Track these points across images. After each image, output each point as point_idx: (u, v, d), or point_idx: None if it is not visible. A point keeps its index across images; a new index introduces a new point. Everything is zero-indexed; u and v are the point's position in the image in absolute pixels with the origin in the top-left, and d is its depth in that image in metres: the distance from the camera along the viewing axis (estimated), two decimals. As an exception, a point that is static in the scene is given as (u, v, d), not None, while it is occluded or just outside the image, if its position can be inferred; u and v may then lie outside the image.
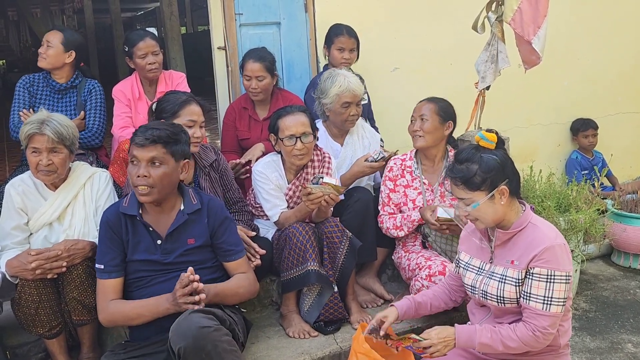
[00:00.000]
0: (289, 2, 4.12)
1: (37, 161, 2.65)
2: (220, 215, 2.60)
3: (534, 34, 3.14)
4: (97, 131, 3.58)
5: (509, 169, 2.21)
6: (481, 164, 2.18)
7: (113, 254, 2.48)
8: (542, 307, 2.14)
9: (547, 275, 2.13)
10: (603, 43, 5.02)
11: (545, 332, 2.14)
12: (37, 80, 3.62)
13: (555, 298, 2.13)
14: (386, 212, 3.25)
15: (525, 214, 2.25)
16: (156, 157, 2.39)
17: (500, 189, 2.17)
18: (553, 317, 2.14)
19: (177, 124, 2.61)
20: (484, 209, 2.20)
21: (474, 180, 2.18)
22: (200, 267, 2.47)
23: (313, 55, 4.23)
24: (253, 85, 3.58)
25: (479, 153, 2.21)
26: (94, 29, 16.21)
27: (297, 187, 3.15)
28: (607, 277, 4.01)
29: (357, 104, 3.35)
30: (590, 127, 4.96)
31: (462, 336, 2.22)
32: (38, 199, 2.77)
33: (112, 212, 2.54)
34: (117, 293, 2.47)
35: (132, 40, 3.62)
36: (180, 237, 2.53)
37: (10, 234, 2.72)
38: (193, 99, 2.95)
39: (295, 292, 3.05)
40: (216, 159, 3.08)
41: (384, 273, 3.59)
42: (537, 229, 2.20)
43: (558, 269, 2.13)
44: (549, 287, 2.13)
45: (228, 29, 4.03)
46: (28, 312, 2.55)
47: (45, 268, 2.50)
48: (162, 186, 2.43)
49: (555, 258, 2.13)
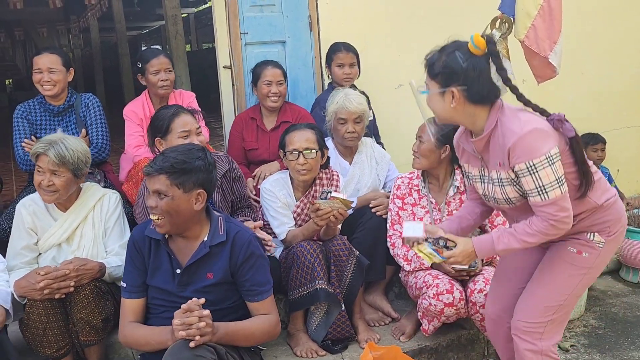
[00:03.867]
0: (294, 21, 4.16)
1: (40, 180, 2.68)
2: (245, 251, 2.40)
3: (550, 49, 3.17)
4: (103, 144, 3.56)
5: (474, 77, 2.10)
6: (447, 57, 2.13)
7: (135, 274, 2.43)
8: (541, 198, 2.09)
9: (527, 168, 2.08)
10: (608, 58, 5.03)
11: (557, 218, 2.10)
12: (33, 107, 3.53)
13: (547, 184, 2.07)
14: (396, 230, 3.24)
15: (492, 115, 2.17)
16: (159, 189, 2.28)
17: (449, 90, 2.12)
18: (556, 202, 2.08)
19: (197, 150, 2.40)
20: (432, 102, 2.19)
21: (433, 68, 2.16)
22: (216, 308, 2.31)
23: (318, 73, 4.26)
24: (274, 89, 3.63)
25: (455, 49, 2.14)
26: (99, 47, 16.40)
27: (305, 204, 3.15)
28: (615, 293, 3.98)
29: (355, 122, 3.35)
30: (599, 142, 4.95)
31: (482, 248, 2.24)
32: (48, 219, 2.79)
33: (138, 232, 2.47)
34: (135, 315, 2.42)
35: (146, 57, 3.65)
36: (199, 271, 2.39)
37: (20, 254, 2.74)
38: (181, 109, 2.92)
39: (302, 311, 3.03)
40: (229, 169, 3.05)
41: (391, 290, 3.58)
42: (503, 127, 2.13)
43: (534, 157, 2.05)
44: (535, 177, 2.07)
45: (234, 48, 4.06)
46: (36, 332, 2.54)
47: (53, 288, 2.50)
48: (171, 218, 2.30)
49: (526, 148, 2.06)
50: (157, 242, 2.42)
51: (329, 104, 3.42)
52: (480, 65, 2.13)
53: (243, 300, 2.46)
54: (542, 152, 2.06)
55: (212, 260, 2.39)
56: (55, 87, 3.43)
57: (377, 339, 3.07)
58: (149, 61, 3.60)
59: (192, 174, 2.30)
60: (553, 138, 2.10)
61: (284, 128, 3.58)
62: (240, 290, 2.44)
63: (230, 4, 4.00)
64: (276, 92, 3.65)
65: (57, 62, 3.42)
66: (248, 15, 4.06)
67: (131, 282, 2.43)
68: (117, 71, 14.70)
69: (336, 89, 3.56)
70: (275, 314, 2.48)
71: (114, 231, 2.87)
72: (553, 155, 2.07)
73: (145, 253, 2.42)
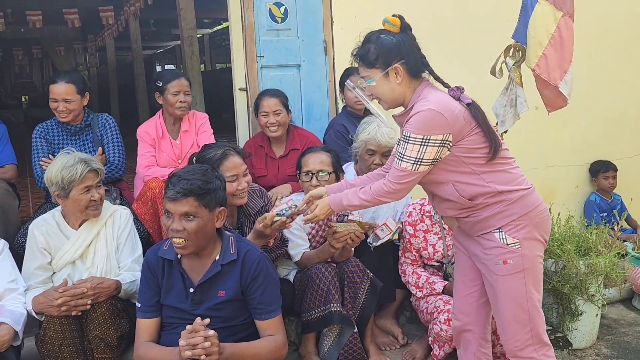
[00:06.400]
0: (309, 46, 4.23)
1: (89, 198, 2.75)
2: (254, 270, 2.45)
3: (560, 78, 3.21)
4: (119, 163, 3.65)
5: (406, 49, 2.27)
6: (377, 42, 2.27)
7: (149, 295, 2.47)
8: (396, 162, 2.25)
9: (405, 136, 2.22)
10: (620, 86, 5.05)
11: (391, 183, 2.26)
12: (51, 127, 3.63)
13: (406, 156, 2.21)
14: (408, 258, 3.26)
15: (418, 90, 2.30)
16: (189, 211, 2.32)
17: (394, 67, 2.25)
18: (400, 171, 2.24)
19: (211, 170, 2.47)
20: (380, 87, 2.30)
21: (368, 58, 2.27)
22: (228, 325, 2.41)
23: (332, 97, 4.32)
24: (271, 120, 3.65)
25: (379, 34, 2.29)
26: (115, 66, 16.65)
27: (320, 227, 3.18)
28: (628, 322, 3.95)
29: (382, 155, 3.35)
30: (610, 169, 4.95)
31: (335, 203, 2.42)
32: (61, 238, 2.84)
33: (152, 253, 2.53)
34: (150, 334, 2.46)
35: (167, 77, 3.72)
36: (212, 289, 2.45)
37: (34, 274, 2.79)
38: (231, 151, 2.87)
39: (314, 333, 3.05)
40: (264, 204, 3.07)
41: (402, 315, 3.58)
42: (423, 100, 2.25)
43: (414, 132, 2.18)
44: (403, 146, 2.22)
45: (249, 71, 4.14)
46: (52, 348, 2.58)
47: (70, 305, 2.54)
48: (197, 239, 2.36)
49: (417, 122, 2.19)
50: (170, 262, 2.48)
51: (359, 130, 3.41)
52: (406, 39, 2.30)
53: (251, 319, 2.50)
54: (424, 132, 2.18)
55: (223, 278, 2.45)
56: (70, 114, 3.54)
57: (388, 362, 3.08)
58: (169, 82, 3.67)
59: (214, 193, 2.38)
60: (446, 122, 2.19)
61: (292, 155, 3.66)
62: (249, 307, 2.49)
63: (247, 28, 4.09)
64: (274, 122, 3.66)
65: (72, 92, 3.50)
66: (264, 38, 4.14)
67: (146, 302, 2.48)
68: (131, 90, 14.89)
69: (369, 117, 3.53)
70: (282, 334, 2.51)
71: (126, 246, 2.92)
72: (432, 140, 2.18)
73: (159, 274, 2.48)
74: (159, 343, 2.47)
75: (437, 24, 4.38)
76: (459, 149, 2.24)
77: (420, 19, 4.38)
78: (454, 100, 2.26)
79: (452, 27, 4.48)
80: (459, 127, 2.21)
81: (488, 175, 2.27)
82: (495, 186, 2.26)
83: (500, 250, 2.29)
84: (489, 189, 2.26)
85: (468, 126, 2.23)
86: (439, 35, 4.47)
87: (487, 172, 2.27)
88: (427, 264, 3.31)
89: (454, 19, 4.47)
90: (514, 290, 2.31)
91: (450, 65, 4.38)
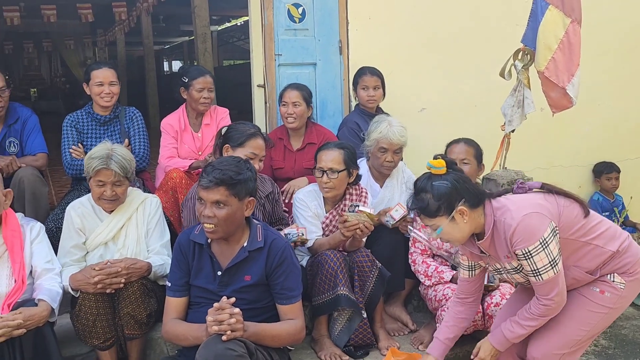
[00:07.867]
0: (325, 45, 4.40)
1: (102, 192, 2.89)
2: (279, 257, 2.60)
3: (568, 81, 3.37)
4: (144, 155, 3.81)
5: (462, 188, 2.31)
6: (433, 191, 2.30)
7: (179, 275, 2.64)
8: (536, 279, 2.29)
9: (523, 255, 2.27)
10: (623, 90, 5.18)
11: (549, 299, 2.30)
12: (81, 117, 3.79)
13: (540, 267, 2.26)
14: (417, 248, 3.41)
15: (487, 214, 2.35)
16: (220, 200, 2.46)
17: (458, 210, 2.29)
18: (548, 283, 2.28)
19: (244, 161, 2.63)
20: (449, 231, 2.34)
21: (430, 209, 2.31)
22: (251, 307, 2.55)
23: (346, 95, 4.48)
24: (289, 110, 3.77)
25: (431, 181, 2.33)
26: (125, 61, 16.76)
27: (334, 216, 3.35)
28: (626, 316, 4.10)
29: (394, 152, 3.50)
30: (613, 170, 5.09)
31: (499, 342, 2.46)
32: (95, 220, 3.00)
33: (184, 237, 2.69)
34: (178, 312, 2.62)
35: (193, 74, 3.87)
36: (238, 273, 2.60)
37: (70, 252, 2.95)
38: (260, 133, 3.12)
39: (326, 317, 3.20)
40: (272, 191, 3.26)
41: (409, 303, 3.74)
42: (500, 222, 2.31)
43: (528, 244, 2.24)
44: (531, 262, 2.27)
45: (268, 68, 4.30)
46: (86, 323, 2.73)
47: (105, 283, 2.70)
48: (227, 225, 2.51)
49: (521, 236, 2.25)
50: (200, 246, 2.64)
51: (371, 129, 3.54)
52: (457, 177, 2.34)
53: (273, 303, 2.66)
54: (537, 237, 2.24)
55: (250, 263, 2.61)
56: (113, 98, 3.72)
57: (397, 347, 3.23)
58: (195, 78, 3.83)
59: (244, 184, 2.53)
60: (544, 216, 2.28)
61: (309, 149, 3.80)
62: (272, 292, 2.64)
63: (266, 27, 4.26)
64: (292, 113, 3.78)
65: (115, 76, 3.72)
66: (283, 37, 4.31)
67: (176, 281, 2.65)
68: (140, 84, 15.00)
69: (381, 115, 3.69)
70: (301, 319, 2.66)
71: (156, 231, 3.07)
72: (547, 238, 2.25)
73: (190, 256, 2.64)
74: (185, 320, 2.64)
75: (453, 28, 4.53)
76: (562, 231, 2.31)
77: (436, 24, 4.55)
78: (528, 194, 2.36)
79: (466, 31, 4.60)
80: (551, 210, 2.30)
81: (597, 239, 2.36)
82: (610, 249, 2.36)
83: (605, 284, 2.39)
84: (608, 254, 2.36)
85: (554, 203, 2.33)
86: (447, 39, 4.60)
87: (595, 237, 2.36)
88: (436, 254, 3.47)
89: (468, 22, 4.61)
90: (588, 317, 2.40)
91: (457, 67, 4.57)
